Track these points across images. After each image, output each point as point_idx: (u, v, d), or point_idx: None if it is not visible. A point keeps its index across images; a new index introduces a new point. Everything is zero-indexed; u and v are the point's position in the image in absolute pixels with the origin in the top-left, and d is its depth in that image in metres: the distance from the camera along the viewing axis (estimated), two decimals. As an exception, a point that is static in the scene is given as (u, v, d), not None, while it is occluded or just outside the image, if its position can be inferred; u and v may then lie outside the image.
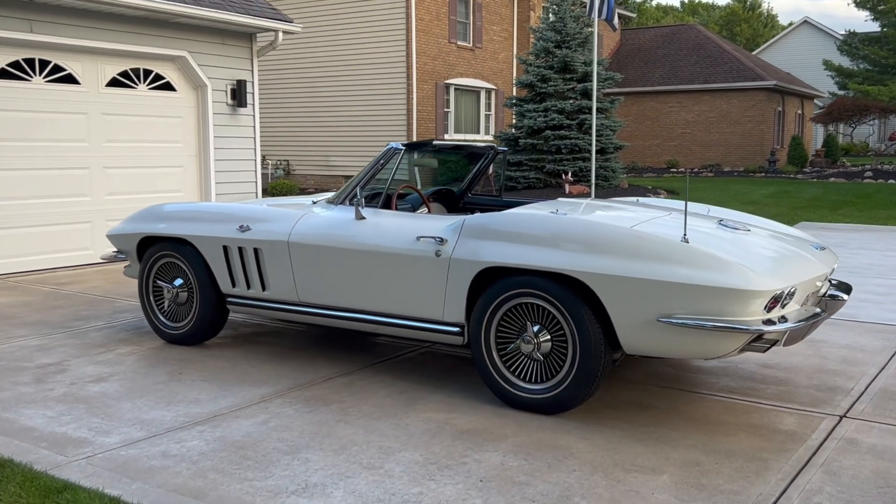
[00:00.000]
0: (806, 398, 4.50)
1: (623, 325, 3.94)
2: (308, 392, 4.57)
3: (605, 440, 3.86)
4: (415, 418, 4.15)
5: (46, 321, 6.30)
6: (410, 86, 21.57)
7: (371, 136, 21.88)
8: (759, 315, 3.77)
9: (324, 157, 22.75)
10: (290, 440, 3.84)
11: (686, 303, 3.77)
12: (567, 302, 4.03)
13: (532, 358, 4.21)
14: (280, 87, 23.35)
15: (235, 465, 3.56)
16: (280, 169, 23.15)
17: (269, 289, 5.15)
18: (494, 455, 3.67)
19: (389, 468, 3.52)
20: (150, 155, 9.63)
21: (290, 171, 23.25)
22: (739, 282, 3.69)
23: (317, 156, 22.89)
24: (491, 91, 25.12)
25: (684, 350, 3.89)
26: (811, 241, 4.70)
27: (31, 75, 8.47)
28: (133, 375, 4.88)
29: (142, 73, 9.48)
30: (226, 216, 5.30)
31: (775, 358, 5.31)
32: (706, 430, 4.00)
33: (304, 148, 23.11)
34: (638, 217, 4.40)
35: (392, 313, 4.69)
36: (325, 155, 22.70)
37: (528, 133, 19.13)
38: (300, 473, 3.46)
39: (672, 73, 30.09)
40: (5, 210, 8.31)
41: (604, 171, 19.00)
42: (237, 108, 10.36)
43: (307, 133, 23.01)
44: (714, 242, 4.05)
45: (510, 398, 4.28)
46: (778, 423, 4.10)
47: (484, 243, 4.30)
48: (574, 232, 4.09)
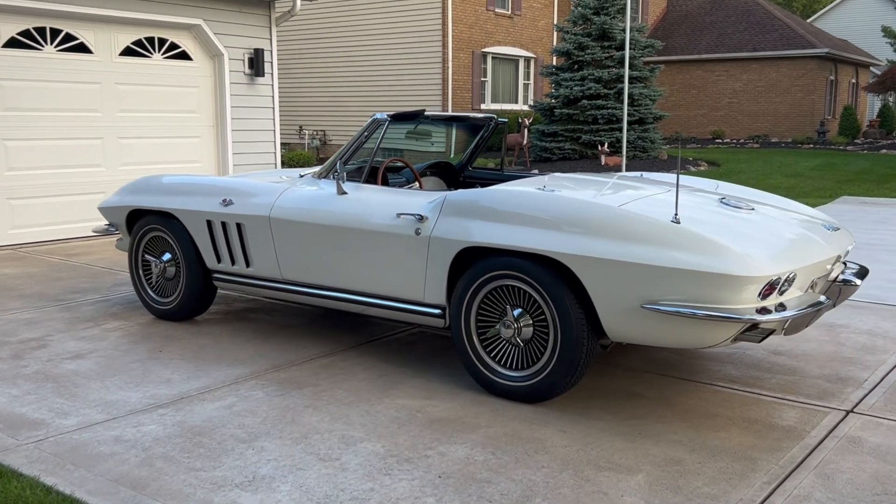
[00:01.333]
0: (813, 390, 4.19)
1: (606, 311, 3.67)
2: (284, 374, 4.39)
3: (583, 433, 3.61)
4: (388, 405, 3.94)
5: (44, 293, 6.22)
6: (446, 55, 21.21)
7: (406, 107, 21.60)
8: (753, 303, 3.46)
9: (359, 127, 22.55)
10: (251, 426, 3.67)
11: (672, 288, 3.49)
12: (548, 285, 3.76)
13: (513, 343, 3.97)
14: (317, 57, 23.18)
15: (187, 453, 3.39)
16: (317, 139, 23.03)
17: (253, 265, 4.97)
18: (461, 448, 3.45)
19: (346, 460, 3.32)
20: (165, 125, 9.51)
21: (327, 142, 23.13)
22: (730, 266, 3.39)
23: (353, 126, 22.71)
24: (530, 60, 24.62)
25: (672, 339, 3.61)
26: (824, 221, 4.35)
27: (43, 44, 8.38)
28: (112, 353, 4.76)
29: (156, 42, 9.34)
30: (209, 190, 5.12)
31: (787, 344, 4.98)
32: (695, 425, 3.72)
33: (341, 118, 22.94)
34: (631, 194, 4.10)
35: (373, 293, 4.47)
36: (361, 125, 22.49)
37: (565, 103, 18.68)
38: (251, 464, 3.28)
39: (720, 41, 29.17)
40: (18, 180, 8.28)
41: (642, 142, 18.51)
42: (255, 78, 10.18)
43: (343, 103, 22.83)
44: (709, 223, 3.74)
45: (490, 385, 4.04)
46: (776, 418, 3.80)
47: (464, 221, 4.05)
48: (555, 210, 3.81)
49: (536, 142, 18.99)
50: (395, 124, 4.89)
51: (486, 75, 22.88)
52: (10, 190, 8.23)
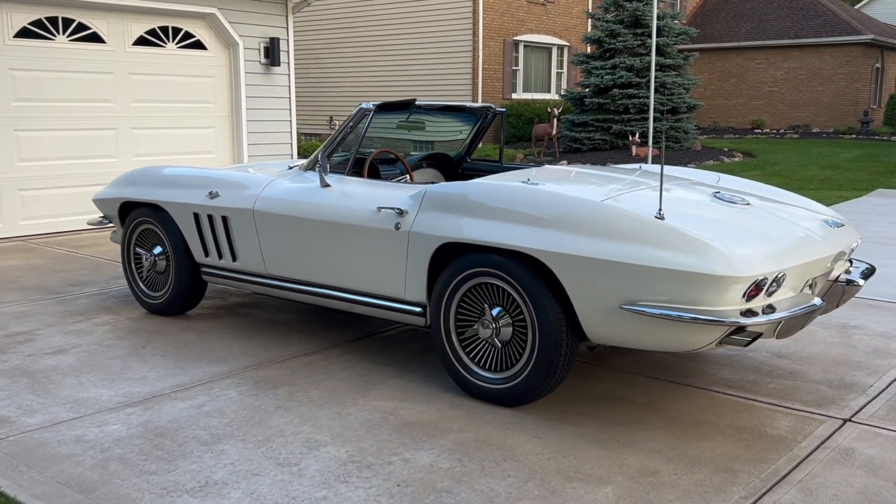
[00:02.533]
0: (813, 396, 3.96)
1: (585, 312, 3.49)
2: (263, 372, 4.28)
3: (558, 440, 3.44)
4: (361, 406, 3.81)
5: (43, 286, 6.20)
6: (476, 43, 20.99)
7: (435, 96, 21.44)
8: (737, 304, 3.26)
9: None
10: (216, 428, 3.56)
11: (651, 288, 3.30)
12: (526, 283, 3.59)
13: (491, 344, 3.81)
14: (347, 46, 23.11)
15: (145, 455, 3.29)
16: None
17: (239, 259, 4.87)
18: (427, 454, 3.30)
19: (305, 466, 3.20)
20: (179, 115, 9.47)
21: (357, 131, 23.06)
22: (712, 266, 3.19)
23: (382, 115, 22.58)
24: (563, 48, 24.27)
25: (653, 342, 3.42)
26: (827, 217, 4.10)
27: (55, 34, 8.37)
28: (95, 348, 4.69)
29: (170, 32, 9.30)
30: (196, 182, 5.02)
31: (792, 346, 4.74)
32: (679, 432, 3.53)
33: (370, 107, 22.84)
34: (618, 189, 3.90)
35: (355, 290, 4.34)
36: (391, 114, 22.37)
37: (595, 92, 18.36)
38: (207, 468, 3.17)
39: (760, 28, 28.48)
40: (31, 171, 8.29)
41: (675, 132, 18.14)
42: (271, 68, 10.09)
43: (373, 93, 22.73)
44: (696, 219, 3.53)
45: (468, 386, 3.89)
46: (768, 426, 3.59)
47: (444, 216, 3.89)
48: (533, 205, 3.63)
49: (566, 132, 18.71)
50: (383, 114, 4.74)
51: (517, 64, 22.60)
52: (22, 181, 8.25)
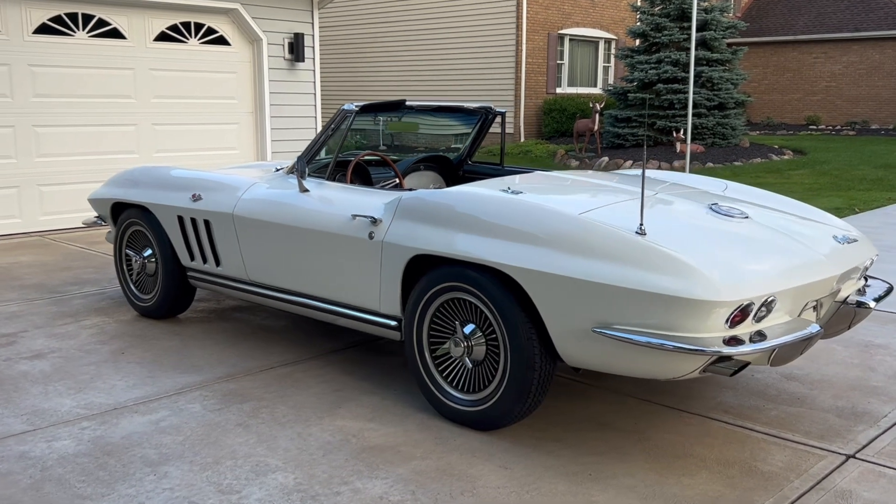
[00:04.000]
0: (817, 426, 3.63)
1: (558, 333, 3.22)
2: (234, 384, 4.10)
3: (526, 471, 3.18)
4: (325, 426, 3.60)
5: (43, 284, 6.13)
6: (520, 37, 20.61)
7: (476, 92, 21.17)
8: (720, 331, 2.96)
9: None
10: (167, 447, 3.38)
11: (625, 311, 3.02)
12: (498, 300, 3.34)
13: (464, 363, 3.56)
14: (389, 39, 22.95)
15: (84, 476, 3.13)
16: (388, 124, 22.81)
17: (222, 265, 4.70)
18: (380, 484, 3.07)
19: (247, 494, 3.00)
20: (202, 112, 9.39)
21: (399, 126, 22.88)
22: (690, 288, 2.90)
23: (425, 110, 22.37)
24: (611, 41, 23.73)
25: (630, 368, 3.14)
26: (838, 232, 3.75)
27: (75, 30, 8.34)
28: (74, 353, 4.57)
29: (192, 27, 9.21)
30: (181, 183, 4.87)
31: (806, 367, 4.39)
32: (661, 466, 3.24)
33: (413, 102, 22.64)
34: (606, 200, 3.61)
35: (331, 300, 4.13)
36: (433, 109, 22.14)
37: (639, 87, 17.87)
38: (143, 493, 2.99)
39: (818, 21, 27.51)
40: (50, 167, 8.28)
41: (721, 129, 17.55)
42: (295, 63, 9.95)
43: (416, 87, 22.53)
44: (681, 235, 3.24)
45: (441, 407, 3.65)
46: (760, 461, 3.28)
47: (417, 226, 3.66)
48: (505, 216, 3.38)
49: (609, 128, 18.25)
50: (367, 115, 4.51)
51: (562, 58, 22.16)
52: (42, 176, 8.24)
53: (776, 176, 14.18)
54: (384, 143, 6.21)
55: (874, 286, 3.92)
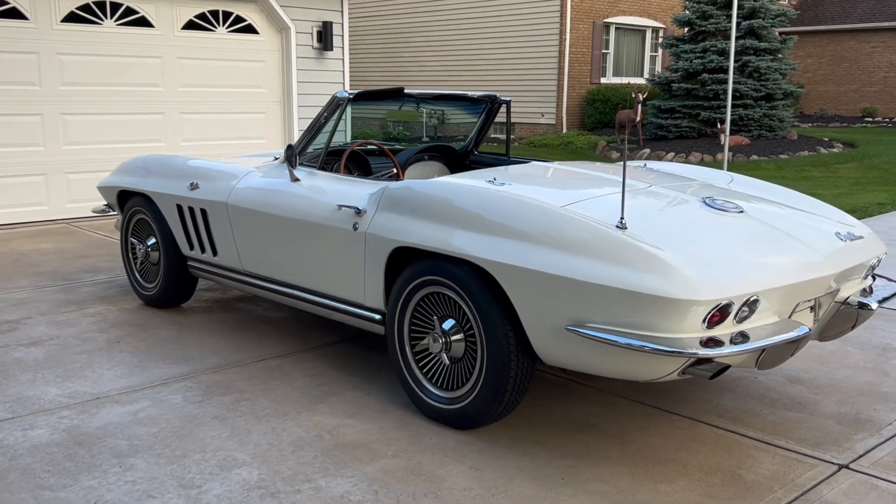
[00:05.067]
0: (814, 433, 3.45)
1: (534, 331, 3.10)
2: (221, 375, 4.06)
3: (497, 473, 3.08)
4: (302, 421, 3.53)
5: (58, 272, 6.19)
6: (564, 25, 20.32)
7: (518, 81, 20.96)
8: (697, 332, 2.81)
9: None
10: (139, 438, 3.35)
11: (598, 309, 2.89)
12: (476, 295, 3.23)
13: (441, 360, 3.47)
14: (425, 30, 22.84)
15: (51, 466, 3.11)
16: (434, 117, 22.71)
17: (219, 254, 4.67)
18: (345, 483, 3.00)
19: (207, 489, 2.95)
20: (229, 100, 9.41)
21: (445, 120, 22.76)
22: (663, 286, 2.75)
23: (467, 100, 22.21)
24: (658, 30, 23.27)
25: (606, 369, 3.01)
26: (841, 229, 3.55)
27: (102, 18, 8.41)
28: (72, 341, 4.59)
29: (220, 16, 9.22)
30: (180, 172, 4.85)
31: (814, 370, 4.20)
32: (639, 471, 3.10)
33: (455, 92, 22.49)
34: (592, 193, 3.47)
35: (319, 291, 4.07)
36: (475, 99, 21.97)
37: (684, 77, 17.47)
38: (104, 486, 2.96)
39: (877, 9, 26.59)
40: (77, 154, 8.38)
41: (768, 120, 17.07)
42: (323, 52, 9.91)
43: (458, 78, 22.40)
44: (664, 230, 3.09)
45: (420, 404, 3.56)
46: (746, 469, 3.12)
47: (398, 217, 3.56)
48: (484, 208, 3.26)
49: (652, 119, 17.89)
50: (363, 104, 4.42)
51: (607, 47, 21.80)
52: (69, 164, 8.34)
53: (822, 169, 13.74)
54: (427, 134, 6.11)
55: (884, 286, 3.71)
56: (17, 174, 8.07)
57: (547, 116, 20.93)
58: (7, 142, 7.97)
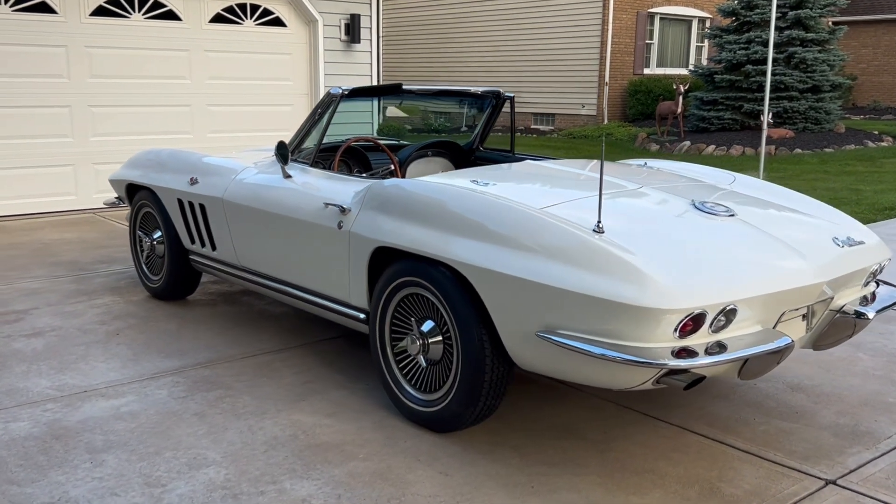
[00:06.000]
0: (806, 445, 3.31)
1: (507, 335, 3.03)
2: (210, 370, 4.06)
3: (466, 479, 3.01)
4: (280, 420, 3.51)
5: (75, 262, 6.27)
6: (606, 16, 20.02)
7: (559, 72, 20.73)
8: (668, 341, 2.70)
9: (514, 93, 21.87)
10: (117, 433, 3.36)
11: (568, 315, 2.80)
12: (452, 298, 3.16)
13: (419, 362, 3.41)
14: (475, 20, 22.70)
15: (24, 460, 3.13)
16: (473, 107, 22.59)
17: (217, 249, 4.67)
18: (309, 486, 2.96)
19: (171, 488, 2.93)
20: (256, 93, 9.44)
21: (483, 108, 22.62)
22: (631, 294, 2.65)
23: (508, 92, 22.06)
24: (705, 20, 22.79)
25: (579, 376, 2.92)
26: (840, 234, 3.39)
27: (130, 12, 8.49)
28: (73, 332, 4.63)
29: (248, 8, 9.25)
30: (182, 167, 4.86)
31: (819, 377, 4.04)
32: (614, 481, 3.01)
33: (496, 84, 22.36)
34: (578, 192, 3.37)
35: (308, 289, 4.04)
36: (515, 92, 21.80)
37: (727, 68, 17.08)
38: (72, 481, 2.97)
39: (937, -3, 25.68)
40: (105, 146, 8.49)
41: (814, 113, 16.62)
42: (351, 45, 9.89)
43: (498, 68, 22.24)
44: (645, 234, 2.98)
45: (399, 405, 3.51)
46: (726, 482, 3.01)
47: (380, 217, 3.51)
48: (458, 209, 3.19)
49: (694, 110, 17.54)
50: (357, 100, 4.36)
51: (651, 38, 21.42)
52: (96, 155, 8.46)
53: (867, 164, 13.33)
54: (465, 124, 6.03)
55: (889, 294, 3.54)
56: (47, 165, 8.21)
57: (588, 108, 20.67)
58: (37, 133, 8.10)
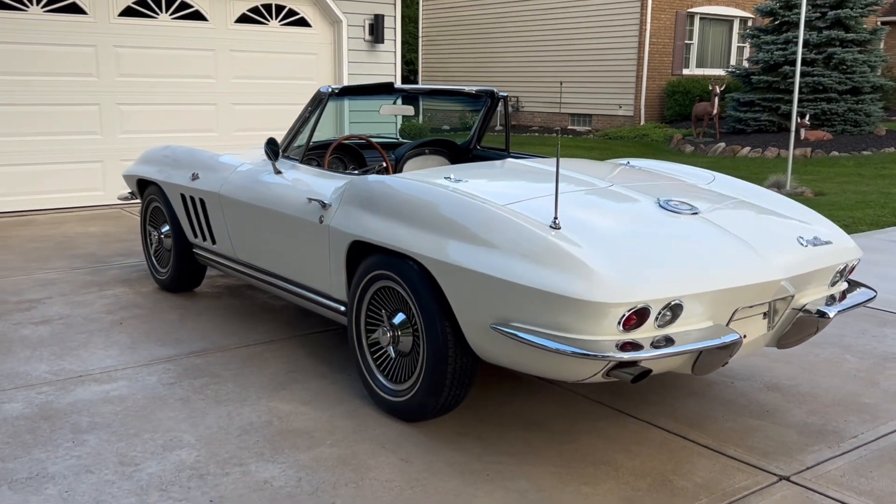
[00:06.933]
0: (769, 442, 3.35)
1: (467, 327, 3.12)
2: (202, 359, 4.22)
3: (425, 466, 3.11)
4: (259, 407, 3.64)
5: (94, 254, 6.51)
6: (644, 16, 19.92)
7: (597, 72, 20.68)
8: (612, 335, 2.77)
9: (551, 93, 21.89)
10: (102, 416, 3.53)
11: (519, 308, 2.88)
12: (419, 291, 3.26)
13: (389, 353, 3.52)
14: (512, 20, 22.73)
15: (11, 439, 3.31)
16: (509, 106, 22.64)
17: (217, 243, 4.83)
18: (274, 468, 3.09)
19: (143, 467, 3.08)
20: (281, 92, 9.64)
21: (519, 108, 22.69)
22: (574, 287, 2.73)
23: (545, 92, 22.10)
24: (747, 20, 22.52)
25: (534, 368, 3.00)
26: (807, 234, 3.40)
27: (158, 13, 8.75)
28: (80, 321, 4.83)
29: (273, 9, 9.46)
30: (185, 163, 5.03)
31: (798, 377, 4.06)
32: (569, 471, 3.08)
33: (533, 84, 22.38)
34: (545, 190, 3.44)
35: (296, 282, 4.17)
36: (553, 92, 21.82)
37: (764, 69, 16.88)
38: (51, 459, 3.13)
39: None
40: (132, 143, 8.75)
41: (853, 115, 16.34)
42: (375, 45, 10.04)
43: (536, 68, 22.25)
44: (601, 231, 3.05)
45: (373, 394, 3.62)
46: (680, 476, 3.06)
47: (356, 212, 3.63)
48: (423, 205, 3.29)
49: (731, 112, 17.37)
50: (349, 98, 4.48)
51: (691, 38, 21.25)
52: (124, 151, 8.72)
53: (903, 167, 13.10)
54: (501, 123, 6.12)
55: (858, 292, 3.55)
56: (76, 161, 8.50)
57: (625, 108, 20.58)
58: (67, 130, 8.40)
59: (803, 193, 10.51)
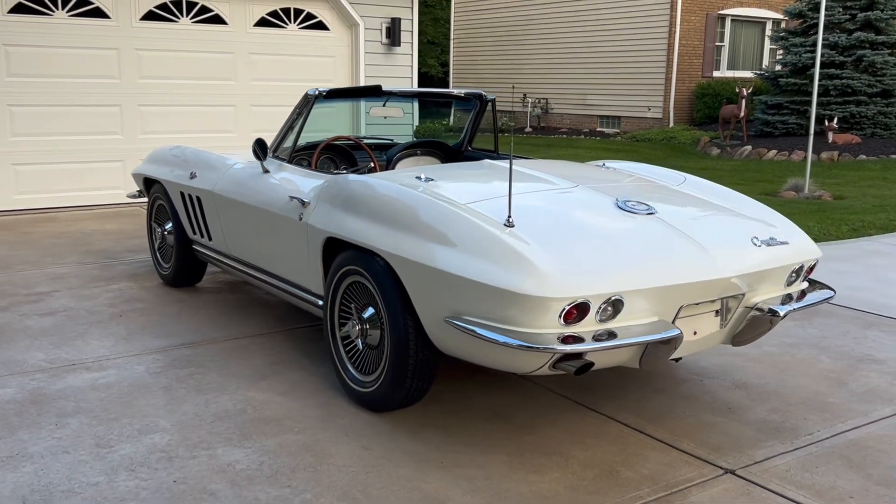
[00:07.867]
0: (724, 438, 3.42)
1: (426, 321, 3.25)
2: (191, 351, 4.40)
3: (382, 453, 3.25)
4: (237, 396, 3.81)
5: (107, 250, 6.75)
6: (674, 17, 19.84)
7: (626, 75, 20.63)
8: (554, 328, 2.88)
9: (580, 95, 21.89)
10: (87, 402, 3.72)
11: (468, 302, 3.01)
12: (384, 286, 3.40)
13: (358, 345, 3.66)
14: (540, 22, 22.78)
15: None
16: (538, 108, 22.71)
17: (213, 239, 5.02)
18: (238, 453, 3.24)
19: (117, 449, 3.26)
20: (299, 94, 9.79)
21: (548, 110, 22.71)
22: (517, 282, 2.85)
23: (574, 94, 22.09)
24: (780, 22, 22.31)
25: (485, 360, 3.13)
26: (763, 234, 3.47)
27: (178, 16, 9.00)
28: (82, 313, 5.05)
29: (292, 13, 9.67)
30: (185, 162, 5.23)
31: (767, 376, 4.12)
32: (519, 461, 3.19)
33: (562, 86, 22.40)
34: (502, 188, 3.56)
35: (279, 276, 4.34)
36: (582, 93, 21.82)
37: (792, 71, 16.75)
38: (32, 440, 3.33)
39: None
40: (153, 143, 8.97)
41: (884, 118, 16.15)
42: (392, 48, 10.20)
43: (565, 70, 22.26)
44: (553, 229, 3.17)
45: (344, 385, 3.77)
46: (627, 467, 3.16)
47: (331, 210, 3.78)
48: (388, 203, 3.44)
49: (759, 115, 17.26)
50: (337, 101, 4.63)
51: (722, 40, 21.11)
52: (144, 151, 8.93)
53: (930, 171, 12.93)
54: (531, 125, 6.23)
55: (816, 292, 3.61)
56: (98, 160, 8.79)
57: (654, 110, 20.51)
58: (89, 130, 8.69)
59: (821, 197, 10.45)
